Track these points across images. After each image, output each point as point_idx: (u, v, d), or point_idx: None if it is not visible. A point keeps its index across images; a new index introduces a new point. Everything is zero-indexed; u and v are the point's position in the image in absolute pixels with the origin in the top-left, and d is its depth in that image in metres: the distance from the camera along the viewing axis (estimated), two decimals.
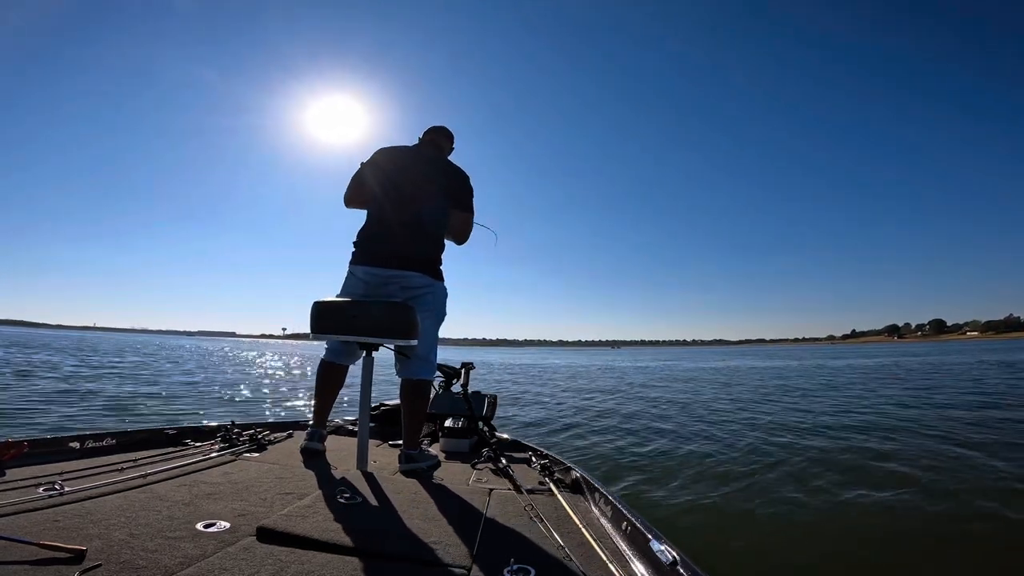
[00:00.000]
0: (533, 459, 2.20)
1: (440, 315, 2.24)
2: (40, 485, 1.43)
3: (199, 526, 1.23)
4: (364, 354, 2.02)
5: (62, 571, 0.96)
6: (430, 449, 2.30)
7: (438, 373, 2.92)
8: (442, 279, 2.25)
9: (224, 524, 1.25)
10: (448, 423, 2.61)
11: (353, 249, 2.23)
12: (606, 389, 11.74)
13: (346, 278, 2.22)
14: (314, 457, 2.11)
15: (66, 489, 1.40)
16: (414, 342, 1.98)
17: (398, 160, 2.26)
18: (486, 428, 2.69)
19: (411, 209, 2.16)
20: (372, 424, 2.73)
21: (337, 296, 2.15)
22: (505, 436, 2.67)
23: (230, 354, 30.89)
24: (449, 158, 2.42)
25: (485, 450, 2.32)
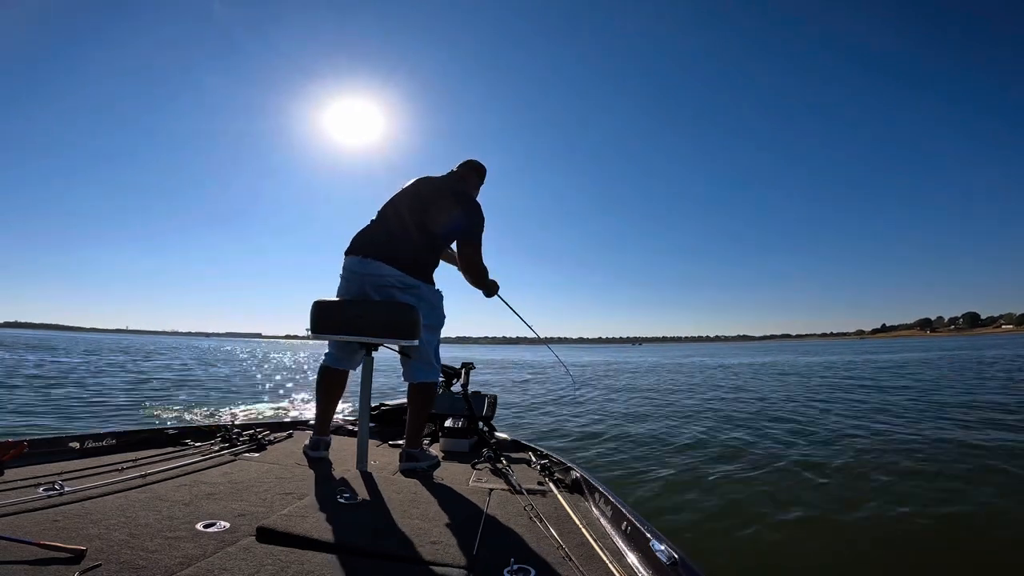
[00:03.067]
0: (533, 459, 2.20)
1: (433, 318, 2.20)
2: (40, 485, 1.43)
3: (199, 526, 1.23)
4: (364, 354, 2.02)
5: (62, 571, 0.96)
6: (430, 449, 2.31)
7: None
8: (431, 282, 2.21)
9: (224, 524, 1.25)
10: (448, 423, 2.61)
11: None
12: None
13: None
14: (315, 460, 2.11)
15: (66, 489, 1.41)
16: (416, 342, 1.98)
17: (424, 180, 2.34)
18: (486, 428, 2.69)
19: (416, 214, 2.19)
20: (372, 424, 2.73)
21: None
22: (505, 436, 2.67)
23: (295, 356, 30.91)
24: (476, 196, 2.45)
25: (485, 450, 2.32)
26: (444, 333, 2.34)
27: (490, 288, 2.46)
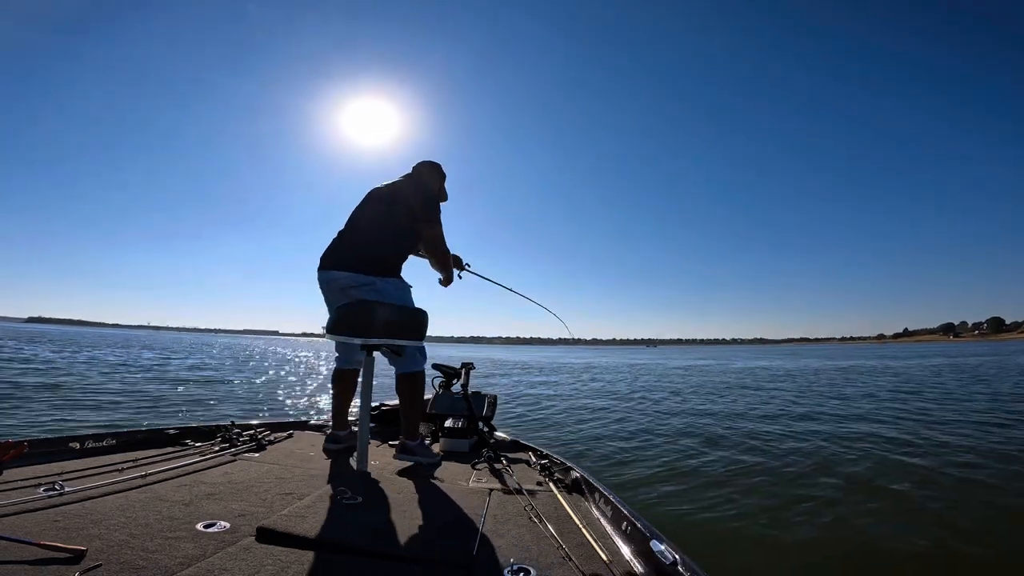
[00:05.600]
0: (533, 459, 2.20)
1: None
2: (40, 485, 1.43)
3: (199, 526, 1.23)
4: (365, 355, 2.03)
5: (62, 571, 0.96)
6: (434, 447, 2.32)
7: (438, 373, 2.93)
8: (391, 274, 2.26)
9: (224, 524, 1.25)
10: (448, 423, 2.61)
11: None
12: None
13: None
14: (319, 458, 2.12)
15: (66, 489, 1.41)
16: (423, 343, 2.04)
17: (381, 187, 2.41)
18: (486, 428, 2.69)
19: (372, 215, 2.29)
20: (372, 424, 2.73)
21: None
22: (505, 436, 2.67)
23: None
24: (439, 190, 2.50)
25: (485, 450, 2.32)
26: (459, 333, 2.48)
27: (450, 273, 2.48)
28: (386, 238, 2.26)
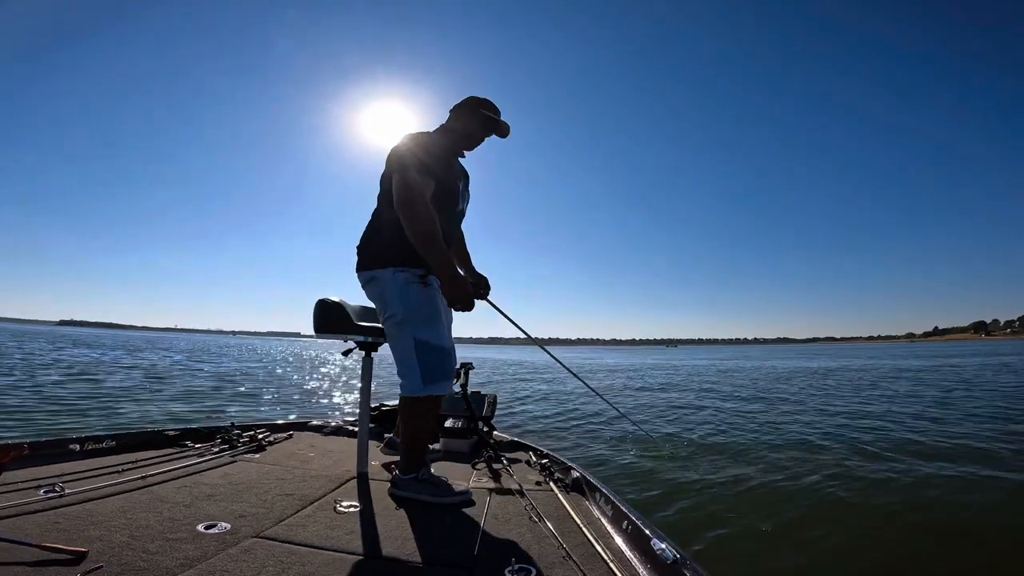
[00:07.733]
0: (533, 459, 2.21)
1: (396, 308, 1.71)
2: (40, 487, 1.43)
3: (199, 528, 1.23)
4: (364, 354, 2.03)
5: (63, 572, 0.96)
6: (459, 484, 1.75)
7: None
8: (389, 265, 1.72)
9: (225, 525, 1.26)
10: (448, 423, 2.61)
11: None
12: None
13: None
14: (315, 461, 2.12)
15: (66, 491, 1.41)
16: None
17: None
18: (486, 428, 2.69)
19: (378, 201, 1.92)
20: (372, 425, 2.73)
21: None
22: (505, 436, 2.67)
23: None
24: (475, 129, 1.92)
25: (485, 450, 2.32)
26: (477, 334, 2.00)
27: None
28: (374, 221, 1.87)
